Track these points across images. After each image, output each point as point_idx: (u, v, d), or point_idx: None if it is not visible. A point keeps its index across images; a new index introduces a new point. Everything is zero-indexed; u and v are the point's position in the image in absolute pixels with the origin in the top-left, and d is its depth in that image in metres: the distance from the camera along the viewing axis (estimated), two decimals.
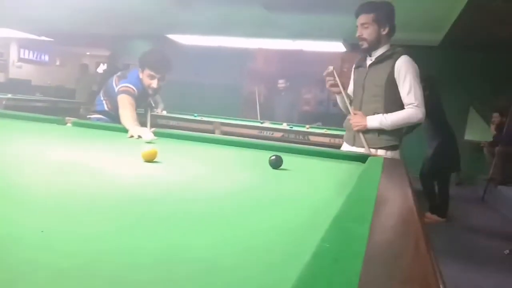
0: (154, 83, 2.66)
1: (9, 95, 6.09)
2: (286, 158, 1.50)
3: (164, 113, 5.07)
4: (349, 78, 2.56)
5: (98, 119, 2.76)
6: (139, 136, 2.07)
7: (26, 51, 11.32)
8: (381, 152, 2.24)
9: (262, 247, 0.65)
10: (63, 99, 7.10)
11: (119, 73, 2.81)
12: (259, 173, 1.36)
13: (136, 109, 2.57)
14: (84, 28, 7.70)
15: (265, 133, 4.27)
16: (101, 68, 12.22)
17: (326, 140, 4.07)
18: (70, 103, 6.37)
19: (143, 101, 2.85)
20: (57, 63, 12.56)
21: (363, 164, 1.69)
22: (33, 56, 11.76)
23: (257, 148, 2.00)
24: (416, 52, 2.42)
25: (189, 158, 1.66)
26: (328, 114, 8.37)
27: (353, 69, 2.53)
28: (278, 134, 4.23)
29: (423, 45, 6.01)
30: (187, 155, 1.74)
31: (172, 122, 4.44)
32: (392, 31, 2.30)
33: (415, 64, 2.24)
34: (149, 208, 0.83)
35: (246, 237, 0.70)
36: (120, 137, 2.08)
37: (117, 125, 2.39)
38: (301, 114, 7.90)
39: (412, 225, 0.74)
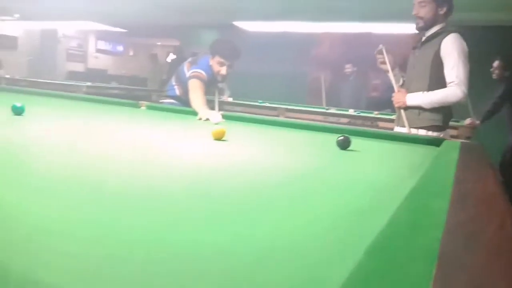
0: (223, 70, 2.72)
1: (89, 83, 6.56)
2: (355, 141, 1.46)
3: (230, 100, 5.16)
4: None
5: (170, 104, 2.88)
6: (207, 119, 2.15)
7: (103, 43, 12.06)
8: (422, 132, 2.20)
9: (328, 228, 0.62)
10: (136, 87, 7.49)
11: (190, 59, 2.90)
12: (327, 154, 1.35)
13: (205, 95, 2.66)
14: (155, 19, 8.01)
15: (330, 119, 4.19)
16: (170, 57, 12.71)
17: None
18: (143, 91, 6.69)
19: (212, 87, 2.91)
20: (131, 53, 13.24)
21: (437, 148, 1.61)
22: (109, 47, 12.49)
23: (325, 131, 1.97)
24: (493, 33, 2.25)
25: (256, 139, 1.68)
26: None
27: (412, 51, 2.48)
28: (344, 120, 4.12)
29: (500, 25, 5.51)
30: (254, 136, 1.77)
31: (237, 108, 4.50)
32: (449, 11, 2.23)
33: (464, 42, 2.16)
34: (214, 189, 0.84)
35: (314, 219, 0.68)
36: (190, 119, 2.16)
37: (187, 108, 2.48)
38: (369, 100, 7.63)
39: (496, 206, 0.69)
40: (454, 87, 2.12)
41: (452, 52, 2.14)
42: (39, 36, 10.16)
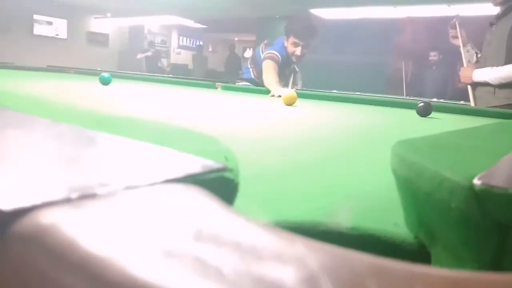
0: (298, 51, 2.67)
1: (170, 75, 6.93)
2: (440, 115, 1.37)
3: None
4: None
5: (244, 85, 2.93)
6: (280, 96, 2.14)
7: (184, 39, 12.62)
8: None
9: None
10: (213, 79, 7.77)
11: (265, 41, 2.91)
12: (407, 122, 1.27)
13: (278, 76, 2.66)
14: (233, 13, 8.21)
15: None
16: (248, 53, 12.94)
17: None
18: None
19: (287, 69, 2.90)
20: (210, 49, 13.71)
21: None
22: (190, 43, 13.05)
23: (403, 107, 1.87)
24: None
25: (331, 111, 1.64)
26: None
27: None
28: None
29: None
30: (329, 108, 1.73)
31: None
32: None
33: None
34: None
35: None
36: (263, 96, 2.18)
37: (260, 87, 2.50)
38: (455, 91, 7.11)
39: None
40: None
41: None
42: (128, 33, 10.92)
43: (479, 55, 2.27)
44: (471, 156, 0.24)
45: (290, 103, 1.36)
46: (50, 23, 9.56)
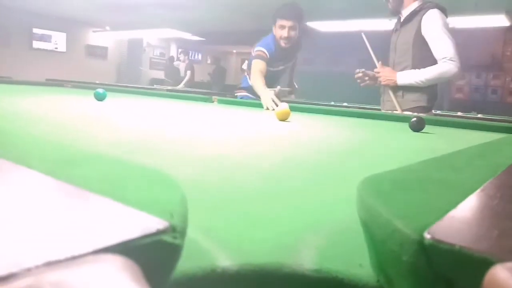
0: (285, 32, 2.66)
1: (168, 87, 6.95)
2: (433, 128, 1.36)
3: (292, 97, 5.13)
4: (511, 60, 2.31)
5: (242, 97, 2.92)
6: (273, 109, 2.15)
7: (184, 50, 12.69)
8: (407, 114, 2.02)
9: None
10: (211, 91, 7.81)
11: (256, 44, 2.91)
12: (396, 136, 1.27)
13: (273, 67, 2.72)
14: (231, 25, 8.27)
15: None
16: (245, 65, 13.03)
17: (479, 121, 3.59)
18: (218, 94, 6.93)
19: (280, 61, 2.86)
20: (208, 61, 13.77)
21: None
22: (189, 55, 13.11)
23: (397, 121, 1.87)
24: None
25: (324, 126, 1.64)
26: (486, 103, 7.42)
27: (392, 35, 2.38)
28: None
29: None
30: (323, 124, 1.72)
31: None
32: None
33: (444, 17, 2.04)
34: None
35: None
36: (257, 110, 2.18)
37: (255, 101, 2.51)
38: (452, 102, 7.14)
39: None
40: (448, 62, 2.00)
41: (435, 28, 2.03)
42: (126, 46, 10.98)
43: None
44: (435, 196, 0.24)
45: (283, 119, 1.35)
46: (49, 36, 9.62)
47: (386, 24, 4.43)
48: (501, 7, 4.25)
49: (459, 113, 4.88)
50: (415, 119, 1.29)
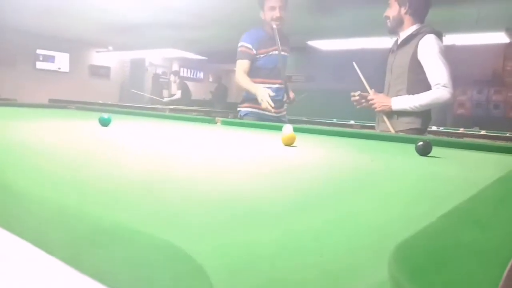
0: (276, 12, 2.66)
1: (171, 107, 6.98)
2: (439, 150, 1.36)
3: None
4: None
5: (247, 113, 2.89)
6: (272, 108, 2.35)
7: (185, 70, 12.79)
8: None
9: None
10: (214, 109, 7.85)
11: None
12: (403, 159, 1.26)
13: (270, 52, 2.73)
14: (232, 44, 8.36)
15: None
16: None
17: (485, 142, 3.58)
18: (220, 112, 6.95)
19: (269, 46, 2.80)
20: (210, 79, 13.87)
21: None
22: (191, 74, 13.22)
23: (403, 142, 1.86)
24: None
25: (327, 147, 1.63)
26: (488, 118, 7.42)
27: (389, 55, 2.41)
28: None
29: None
30: (326, 146, 1.72)
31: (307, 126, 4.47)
32: (417, 10, 2.17)
33: (440, 42, 2.10)
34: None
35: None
36: (262, 132, 2.17)
37: (258, 122, 2.51)
38: (455, 118, 7.15)
39: None
40: (442, 88, 2.05)
41: (431, 53, 2.07)
42: (129, 65, 11.08)
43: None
44: (472, 272, 0.23)
45: (289, 144, 1.35)
46: (52, 57, 9.72)
47: (387, 42, 4.46)
48: (501, 24, 4.29)
49: (461, 130, 4.89)
50: (421, 143, 1.28)
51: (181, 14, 5.86)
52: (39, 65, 9.51)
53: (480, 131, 4.64)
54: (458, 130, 4.83)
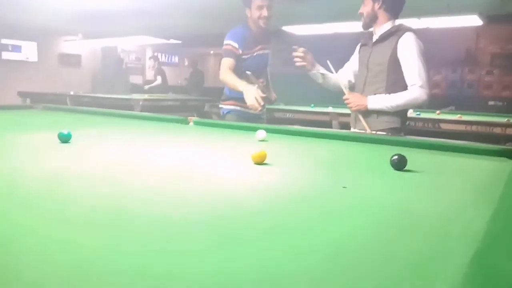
0: (264, 12, 2.62)
1: (146, 96, 6.78)
2: (412, 155, 1.32)
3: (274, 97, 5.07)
4: (486, 54, 2.33)
5: (229, 111, 2.84)
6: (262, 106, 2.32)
7: (159, 54, 12.48)
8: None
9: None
10: (191, 97, 7.68)
11: None
12: (378, 177, 1.21)
13: (253, 52, 2.70)
14: (205, 30, 8.14)
15: None
16: None
17: (461, 127, 3.60)
18: (197, 101, 6.78)
19: (259, 43, 2.79)
20: (186, 63, 13.60)
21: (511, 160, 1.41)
22: (165, 58, 12.93)
23: (376, 143, 1.82)
24: None
25: (301, 158, 1.57)
26: (462, 97, 7.52)
27: (358, 47, 2.38)
28: None
29: None
30: (300, 154, 1.66)
31: (288, 115, 4.41)
32: (389, 5, 2.13)
33: (420, 42, 2.07)
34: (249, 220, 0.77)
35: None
36: (234, 135, 2.10)
37: (234, 123, 2.43)
38: (430, 98, 7.19)
39: None
40: (418, 89, 2.03)
41: (411, 52, 2.04)
42: (100, 54, 10.72)
43: (350, 80, 2.39)
44: None
45: (259, 162, 1.28)
46: (19, 46, 9.32)
47: (359, 26, 4.44)
48: (474, 8, 4.28)
49: (438, 112, 4.92)
50: (396, 157, 1.24)
51: (153, 2, 5.65)
52: (5, 55, 9.12)
53: (457, 114, 4.68)
54: (435, 112, 4.86)
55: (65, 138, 1.59)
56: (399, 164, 1.23)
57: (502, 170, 1.25)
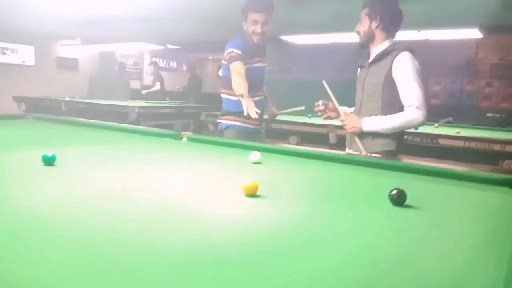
0: (258, 27, 2.58)
1: (142, 103, 6.72)
2: (411, 184, 1.25)
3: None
4: (486, 64, 2.29)
5: (228, 126, 2.79)
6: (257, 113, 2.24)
7: (157, 59, 12.43)
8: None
9: None
10: (187, 104, 7.61)
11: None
12: (376, 213, 1.14)
13: (252, 64, 2.67)
14: (205, 36, 8.09)
15: None
16: (221, 71, 12.85)
17: (459, 143, 3.53)
18: (194, 108, 6.71)
19: (256, 56, 2.75)
20: (184, 68, 13.54)
21: None
22: (163, 63, 12.88)
23: (373, 167, 1.75)
24: None
25: (294, 185, 1.50)
26: (461, 108, 7.49)
27: (358, 70, 2.33)
28: None
29: None
30: (293, 180, 1.59)
31: (285, 126, 4.34)
32: (388, 25, 2.08)
33: (416, 61, 2.01)
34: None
35: None
36: (228, 154, 2.03)
37: (228, 141, 2.36)
38: (429, 109, 7.17)
39: None
40: (415, 111, 1.97)
41: (406, 72, 1.99)
42: (98, 59, 10.65)
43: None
44: None
45: (250, 194, 1.22)
46: (15, 50, 9.26)
47: (356, 37, 4.41)
48: (474, 21, 4.24)
49: (436, 125, 4.86)
50: (395, 192, 1.17)
51: (152, 8, 5.59)
52: (1, 58, 9.04)
53: (455, 128, 4.62)
54: (433, 125, 4.80)
55: (49, 162, 1.52)
56: (398, 200, 1.16)
57: (507, 209, 1.19)
